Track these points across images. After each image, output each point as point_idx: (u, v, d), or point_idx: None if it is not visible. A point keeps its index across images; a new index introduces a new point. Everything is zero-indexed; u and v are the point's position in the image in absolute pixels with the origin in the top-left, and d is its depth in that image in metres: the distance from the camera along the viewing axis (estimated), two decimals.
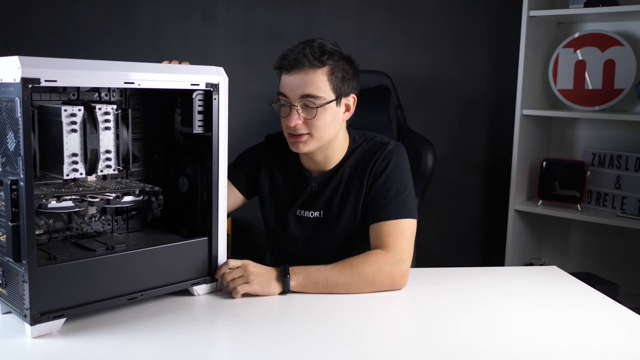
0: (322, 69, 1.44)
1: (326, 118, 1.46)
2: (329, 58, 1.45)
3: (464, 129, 2.90)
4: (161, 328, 1.18)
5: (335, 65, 1.46)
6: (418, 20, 2.83)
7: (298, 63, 1.43)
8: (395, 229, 1.44)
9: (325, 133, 1.48)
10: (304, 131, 1.47)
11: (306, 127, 1.46)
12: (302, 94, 1.44)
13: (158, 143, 1.45)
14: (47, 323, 1.11)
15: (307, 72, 1.43)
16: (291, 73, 1.45)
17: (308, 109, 1.45)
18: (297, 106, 1.45)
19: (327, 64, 1.44)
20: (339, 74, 1.46)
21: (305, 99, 1.44)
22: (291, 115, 1.46)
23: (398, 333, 1.23)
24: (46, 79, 1.06)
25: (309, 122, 1.46)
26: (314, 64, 1.43)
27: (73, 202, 1.18)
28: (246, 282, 1.34)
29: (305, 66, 1.43)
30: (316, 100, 1.44)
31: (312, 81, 1.44)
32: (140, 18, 2.80)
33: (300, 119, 1.45)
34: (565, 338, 1.18)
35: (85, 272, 1.16)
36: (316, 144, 1.49)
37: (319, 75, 1.44)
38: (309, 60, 1.43)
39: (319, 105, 1.44)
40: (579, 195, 2.59)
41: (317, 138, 1.48)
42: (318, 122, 1.46)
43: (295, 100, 1.45)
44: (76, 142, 1.16)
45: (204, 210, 1.37)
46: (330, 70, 1.45)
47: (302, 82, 1.44)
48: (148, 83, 1.22)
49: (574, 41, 2.62)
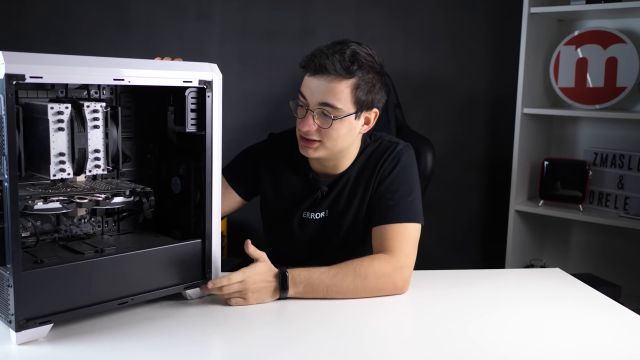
0: (347, 81, 1.37)
1: (341, 130, 1.41)
2: (359, 69, 1.37)
3: (463, 128, 2.87)
4: (153, 334, 1.14)
5: (362, 78, 1.38)
6: (416, 17, 2.79)
7: (324, 69, 1.36)
8: (400, 233, 1.40)
9: (338, 144, 1.43)
10: (316, 138, 1.42)
11: (319, 134, 1.41)
12: (320, 102, 1.39)
13: (150, 142, 1.41)
14: (33, 329, 1.07)
15: (331, 80, 1.37)
16: (315, 76, 1.39)
17: (324, 118, 1.40)
18: (313, 112, 1.40)
19: (354, 76, 1.37)
20: (365, 87, 1.39)
21: (323, 107, 1.39)
22: (306, 120, 1.41)
23: (400, 337, 1.19)
24: (31, 75, 1.02)
25: (322, 132, 1.40)
26: (340, 74, 1.36)
27: (60, 203, 1.14)
28: (242, 298, 1.29)
29: (330, 74, 1.36)
30: (334, 111, 1.38)
31: (334, 91, 1.37)
32: (134, 16, 2.76)
33: (314, 126, 1.40)
34: (570, 341, 1.16)
35: (73, 275, 1.12)
36: (327, 152, 1.44)
37: (343, 87, 1.37)
38: (336, 69, 1.36)
39: (336, 118, 1.39)
40: (580, 196, 2.56)
41: (328, 147, 1.43)
42: (332, 132, 1.40)
43: (313, 105, 1.40)
44: (63, 141, 1.12)
45: (198, 211, 1.33)
46: (357, 82, 1.38)
47: (324, 89, 1.37)
48: (139, 80, 1.18)
49: (576, 38, 2.59)
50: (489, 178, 2.91)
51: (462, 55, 2.81)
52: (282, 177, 1.57)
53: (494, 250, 2.85)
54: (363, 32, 2.78)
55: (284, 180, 1.57)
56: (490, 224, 2.92)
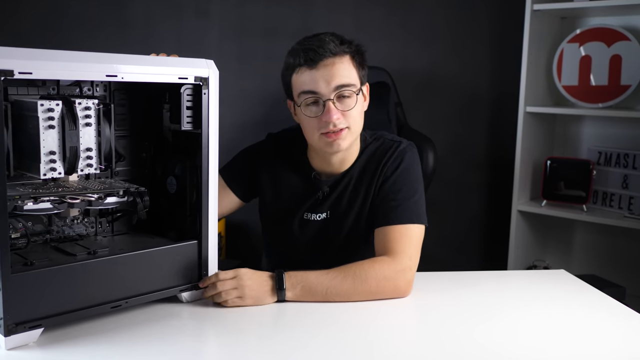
0: (345, 56, 1.38)
1: (359, 107, 1.41)
2: (348, 46, 1.40)
3: (465, 126, 2.84)
4: (147, 338, 1.11)
5: (354, 52, 1.41)
6: (416, 15, 2.76)
7: (327, 52, 1.35)
8: (402, 235, 1.37)
9: (359, 124, 1.42)
10: (343, 125, 1.38)
11: (345, 119, 1.38)
12: (336, 85, 1.36)
13: (145, 141, 1.38)
14: (23, 334, 1.04)
15: (335, 61, 1.36)
16: (318, 66, 1.36)
17: (344, 100, 1.38)
18: (332, 99, 1.37)
19: (348, 52, 1.39)
20: (358, 59, 1.41)
21: (340, 89, 1.37)
22: (330, 111, 1.36)
23: (405, 342, 1.15)
24: (20, 71, 0.99)
25: (347, 114, 1.38)
26: (339, 51, 1.37)
27: (51, 203, 1.10)
28: (239, 297, 1.26)
29: (333, 55, 1.36)
30: (351, 88, 1.38)
31: (344, 69, 1.37)
32: (132, 14, 2.73)
33: (338, 112, 1.37)
34: (577, 344, 1.14)
35: (64, 278, 1.09)
36: (352, 137, 1.42)
37: (346, 63, 1.38)
38: (332, 50, 1.36)
39: (354, 94, 1.38)
40: (584, 195, 2.52)
41: (353, 131, 1.41)
42: (355, 112, 1.39)
43: (329, 92, 1.37)
44: (54, 139, 1.09)
45: (194, 211, 1.29)
46: (352, 56, 1.40)
47: (335, 71, 1.36)
48: (132, 76, 1.15)
49: (579, 36, 2.56)
50: (490, 178, 2.88)
51: (463, 53, 2.78)
52: (281, 178, 1.53)
53: (496, 251, 2.82)
54: (363, 29, 2.75)
55: (283, 180, 1.53)
56: (492, 224, 2.89)
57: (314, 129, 1.40)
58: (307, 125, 1.41)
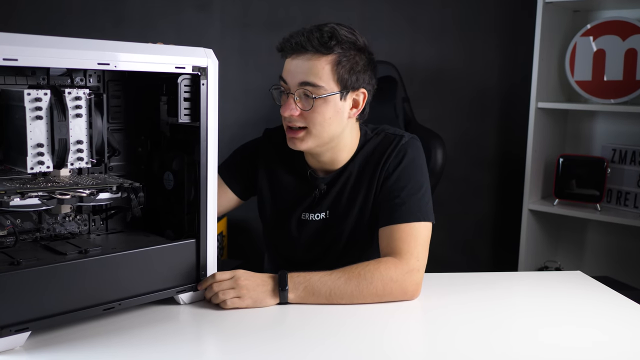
0: (326, 57, 1.29)
1: (326, 113, 1.31)
2: (338, 45, 1.29)
3: (474, 123, 2.77)
4: (142, 342, 1.06)
5: (343, 54, 1.30)
6: (424, 8, 2.70)
7: (300, 47, 1.29)
8: (408, 234, 1.30)
9: (325, 130, 1.33)
10: (300, 124, 1.32)
11: (303, 120, 1.32)
12: (300, 81, 1.30)
13: (141, 135, 1.32)
14: (9, 337, 0.98)
15: (309, 57, 1.29)
16: (293, 57, 1.31)
17: (306, 100, 1.31)
18: (294, 95, 1.31)
19: (333, 52, 1.29)
20: (346, 64, 1.31)
21: (304, 87, 1.30)
22: (287, 104, 1.32)
23: (414, 349, 1.09)
24: (5, 57, 0.93)
25: (306, 115, 1.31)
26: (318, 50, 1.28)
27: (40, 199, 1.04)
28: (237, 297, 1.20)
29: (307, 51, 1.29)
30: (315, 89, 1.29)
31: (313, 68, 1.29)
32: (130, 6, 2.66)
33: (296, 110, 1.31)
34: (596, 347, 1.08)
35: (53, 278, 1.03)
36: (315, 141, 1.34)
37: (322, 64, 1.29)
38: (313, 45, 1.28)
39: (318, 96, 1.30)
40: (598, 194, 2.45)
41: (315, 135, 1.33)
42: (316, 115, 1.31)
43: (293, 87, 1.31)
44: (42, 131, 1.03)
45: (192, 209, 1.23)
46: (337, 59, 1.30)
47: (303, 68, 1.30)
48: (126, 65, 1.09)
49: (593, 29, 2.48)
50: (501, 176, 2.81)
51: (473, 48, 2.71)
52: (278, 175, 1.47)
53: (506, 251, 2.75)
54: (368, 23, 2.69)
55: (280, 178, 1.47)
56: (502, 224, 2.82)
57: (282, 120, 1.37)
58: None
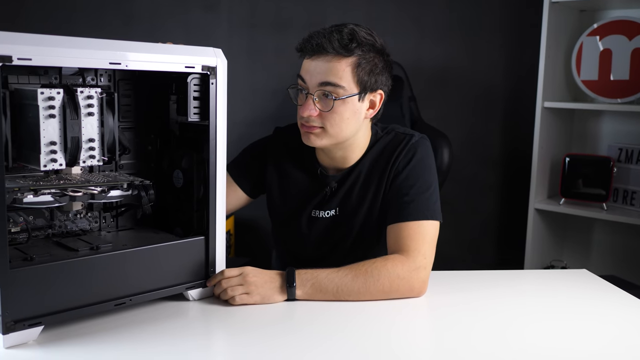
0: (347, 59, 1.30)
1: (344, 113, 1.33)
2: (358, 47, 1.31)
3: (480, 122, 2.78)
4: (152, 337, 1.07)
5: (363, 57, 1.32)
6: (430, 8, 2.70)
7: (321, 48, 1.30)
8: (416, 232, 1.31)
9: (342, 130, 1.34)
10: (317, 124, 1.33)
11: (320, 119, 1.33)
12: (320, 82, 1.31)
13: (151, 133, 1.33)
14: (22, 332, 1.00)
15: (329, 59, 1.30)
16: (313, 58, 1.32)
17: (325, 100, 1.32)
18: (313, 95, 1.32)
19: (354, 54, 1.30)
20: (366, 66, 1.32)
21: (324, 87, 1.31)
22: (306, 104, 1.33)
23: (420, 345, 1.10)
24: (19, 57, 0.94)
25: (325, 115, 1.32)
26: (339, 52, 1.30)
27: (52, 196, 1.06)
28: (245, 293, 1.21)
29: (328, 52, 1.30)
30: (335, 90, 1.31)
31: (333, 69, 1.30)
32: (138, 6, 2.68)
33: (315, 110, 1.32)
34: (603, 345, 1.08)
35: (65, 274, 1.05)
36: (330, 140, 1.35)
37: (343, 65, 1.30)
38: (334, 47, 1.29)
39: (338, 98, 1.31)
40: (604, 194, 2.44)
41: (331, 134, 1.34)
42: (335, 116, 1.32)
43: (313, 87, 1.32)
44: (55, 129, 1.05)
45: (201, 206, 1.25)
46: (357, 61, 1.31)
47: (324, 68, 1.30)
48: (137, 64, 1.10)
49: (599, 29, 2.48)
50: (507, 175, 2.81)
51: (479, 47, 2.71)
52: (288, 173, 1.48)
53: (512, 250, 2.75)
54: (375, 23, 2.69)
55: (290, 176, 1.48)
56: (508, 223, 2.82)
57: (298, 118, 1.38)
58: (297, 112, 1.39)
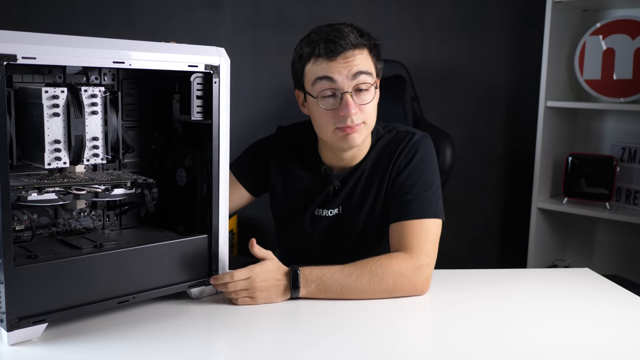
0: (365, 48, 1.34)
1: (375, 102, 1.36)
2: (367, 38, 1.35)
3: (482, 122, 2.77)
4: (154, 335, 1.07)
5: (372, 45, 1.36)
6: (432, 7, 2.70)
7: (347, 45, 1.30)
8: (419, 230, 1.31)
9: (374, 119, 1.38)
10: (360, 120, 1.33)
11: (362, 114, 1.33)
12: (355, 72, 1.30)
13: (155, 132, 1.34)
14: (26, 329, 1.01)
15: (355, 53, 1.31)
16: (338, 58, 1.30)
17: (361, 94, 1.32)
18: (350, 92, 1.31)
19: (367, 44, 1.34)
20: (376, 52, 1.37)
21: (360, 78, 1.31)
22: (348, 104, 1.30)
23: (423, 342, 1.10)
24: (23, 56, 0.95)
25: (364, 108, 1.33)
26: (357, 44, 1.32)
27: (56, 194, 1.06)
28: (249, 297, 1.21)
29: (353, 47, 1.31)
30: (369, 79, 1.33)
31: (363, 62, 1.32)
32: (141, 6, 2.69)
33: (356, 107, 1.32)
34: (604, 345, 1.07)
35: (69, 272, 1.05)
36: (367, 132, 1.37)
37: (365, 56, 1.33)
38: (354, 41, 1.31)
39: (374, 86, 1.34)
40: (607, 193, 2.44)
41: (369, 125, 1.36)
42: (371, 107, 1.34)
43: (348, 84, 1.31)
44: (59, 128, 1.05)
45: (204, 205, 1.25)
46: (370, 49, 1.35)
47: (354, 64, 1.31)
48: (141, 63, 1.11)
49: (602, 28, 2.48)
50: (509, 174, 2.81)
51: (482, 47, 2.71)
52: (292, 172, 1.49)
53: (515, 250, 2.75)
54: (378, 22, 2.70)
55: (294, 175, 1.48)
56: (511, 222, 2.82)
57: (329, 123, 1.34)
58: (320, 118, 1.35)
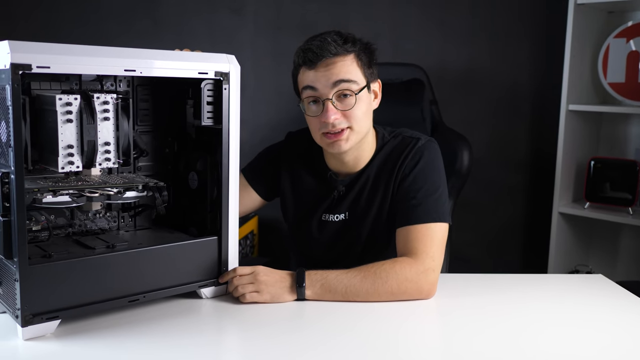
0: (349, 55, 1.35)
1: (363, 107, 1.37)
2: (352, 45, 1.36)
3: (503, 125, 2.75)
4: (164, 333, 1.11)
5: (360, 50, 1.38)
6: (453, 10, 2.69)
7: (325, 52, 1.33)
8: (424, 235, 1.32)
9: (364, 124, 1.38)
10: (344, 125, 1.36)
11: (345, 120, 1.35)
12: (335, 81, 1.33)
13: (169, 136, 1.38)
14: (40, 325, 1.05)
15: (335, 60, 1.34)
16: (317, 66, 1.34)
17: (344, 99, 1.35)
18: (331, 98, 1.34)
19: (352, 50, 1.36)
20: (365, 57, 1.38)
21: (340, 86, 1.33)
22: (328, 110, 1.34)
23: (427, 345, 1.11)
24: (38, 65, 1.00)
25: (348, 114, 1.35)
26: (340, 52, 1.34)
27: (70, 197, 1.11)
28: (256, 291, 1.25)
29: (332, 55, 1.33)
30: (351, 86, 1.34)
31: (343, 67, 1.34)
32: (165, 9, 2.75)
33: (338, 112, 1.35)
34: (607, 353, 1.06)
35: (82, 271, 1.10)
36: (356, 137, 1.38)
37: (348, 61, 1.35)
38: (335, 48, 1.33)
39: (357, 92, 1.35)
40: (630, 198, 2.39)
41: (357, 131, 1.37)
42: (357, 112, 1.35)
43: (328, 92, 1.34)
44: (72, 133, 1.10)
45: (214, 207, 1.28)
46: (357, 55, 1.37)
47: (334, 70, 1.34)
48: (151, 71, 1.15)
49: (627, 30, 2.43)
50: (530, 178, 2.77)
51: (503, 50, 2.69)
52: (299, 178, 1.51)
53: (536, 255, 2.71)
54: (399, 26, 2.70)
55: (302, 180, 1.51)
56: (532, 227, 2.79)
57: (316, 129, 1.39)
58: (310, 124, 1.41)
